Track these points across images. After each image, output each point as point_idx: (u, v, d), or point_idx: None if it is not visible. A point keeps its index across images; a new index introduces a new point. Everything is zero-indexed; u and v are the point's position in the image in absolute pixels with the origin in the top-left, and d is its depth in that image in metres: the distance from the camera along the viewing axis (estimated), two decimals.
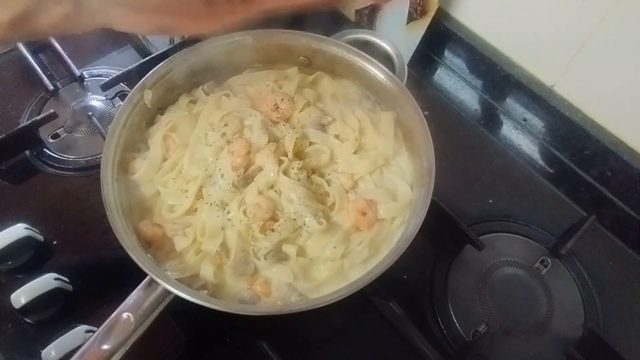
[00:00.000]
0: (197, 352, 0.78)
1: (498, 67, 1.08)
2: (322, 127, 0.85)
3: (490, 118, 1.09)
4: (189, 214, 0.76)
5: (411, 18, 1.09)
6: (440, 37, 1.14)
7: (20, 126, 0.95)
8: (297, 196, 0.74)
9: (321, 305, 0.64)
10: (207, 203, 0.75)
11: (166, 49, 1.03)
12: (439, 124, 0.80)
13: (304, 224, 0.73)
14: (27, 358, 0.74)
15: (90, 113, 1.02)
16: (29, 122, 0.95)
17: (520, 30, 1.02)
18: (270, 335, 0.74)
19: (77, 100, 1.05)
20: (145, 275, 0.64)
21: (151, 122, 0.87)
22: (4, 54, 1.11)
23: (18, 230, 0.81)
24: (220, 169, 0.77)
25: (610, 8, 0.85)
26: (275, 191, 0.76)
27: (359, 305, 0.80)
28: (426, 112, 0.80)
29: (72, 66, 1.06)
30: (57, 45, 1.09)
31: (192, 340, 0.78)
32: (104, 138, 0.79)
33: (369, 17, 1.16)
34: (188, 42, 0.95)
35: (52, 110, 0.96)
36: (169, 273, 0.69)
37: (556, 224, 0.93)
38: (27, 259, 0.82)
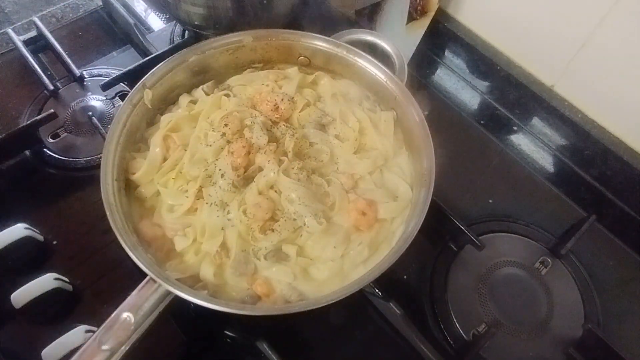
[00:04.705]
0: (197, 352, 0.78)
1: (498, 67, 1.08)
2: (322, 127, 0.85)
3: (490, 118, 1.09)
4: (189, 214, 0.76)
5: (411, 18, 1.09)
6: (440, 37, 1.14)
7: (20, 126, 0.95)
8: (297, 196, 0.74)
9: (321, 305, 0.64)
10: (207, 203, 0.75)
11: (166, 49, 1.03)
12: (439, 124, 0.80)
13: (304, 224, 0.73)
14: (27, 358, 0.74)
15: (90, 113, 1.02)
16: (29, 122, 0.95)
17: (520, 30, 1.02)
18: (270, 335, 0.74)
19: (77, 100, 1.05)
20: (145, 275, 0.64)
21: (151, 122, 0.87)
22: (4, 54, 1.11)
23: (18, 230, 0.82)
24: (220, 169, 0.77)
25: (610, 8, 0.85)
26: (275, 191, 0.76)
27: (359, 305, 0.80)
28: (426, 112, 0.80)
29: (72, 66, 1.06)
30: (57, 45, 1.09)
31: (192, 340, 0.78)
32: (104, 138, 0.79)
33: (369, 17, 1.16)
34: (188, 42, 0.95)
35: (52, 110, 0.96)
36: (169, 273, 0.69)
37: (556, 224, 0.93)
38: (27, 259, 0.82)
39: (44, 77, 1.04)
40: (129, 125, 0.80)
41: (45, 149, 0.97)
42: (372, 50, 0.89)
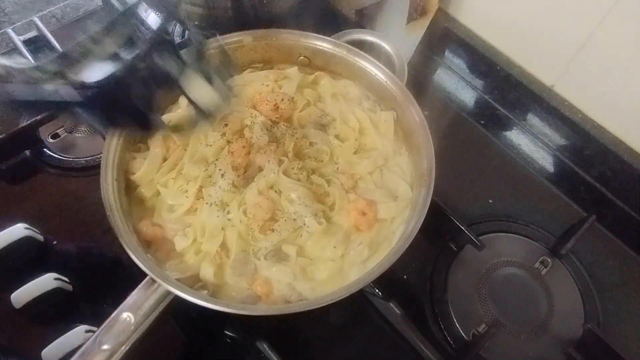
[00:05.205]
0: (197, 352, 0.78)
1: (498, 67, 1.08)
2: (322, 127, 0.85)
3: (490, 118, 1.09)
4: (189, 214, 0.76)
5: (411, 18, 1.09)
6: (440, 37, 1.14)
7: (20, 126, 0.95)
8: (297, 196, 0.74)
9: (321, 305, 0.63)
10: (207, 203, 0.75)
11: None
12: (439, 124, 0.80)
13: (304, 224, 0.73)
14: (27, 358, 0.74)
15: None
16: (28, 122, 0.95)
17: (520, 30, 1.02)
18: (270, 335, 0.74)
19: None
20: (145, 275, 0.64)
21: None
22: (4, 54, 1.11)
23: (18, 230, 0.81)
24: (220, 169, 0.77)
25: (610, 8, 0.85)
26: (275, 191, 0.76)
27: (359, 305, 0.80)
28: (426, 112, 0.80)
29: None
30: (56, 44, 1.08)
31: (192, 340, 0.78)
32: (104, 138, 0.79)
33: (369, 17, 1.16)
34: (188, 42, 0.95)
35: None
36: (169, 273, 0.69)
37: (556, 224, 0.93)
38: (27, 259, 0.82)
39: None
40: None
41: (45, 149, 0.97)
42: (372, 50, 0.89)
